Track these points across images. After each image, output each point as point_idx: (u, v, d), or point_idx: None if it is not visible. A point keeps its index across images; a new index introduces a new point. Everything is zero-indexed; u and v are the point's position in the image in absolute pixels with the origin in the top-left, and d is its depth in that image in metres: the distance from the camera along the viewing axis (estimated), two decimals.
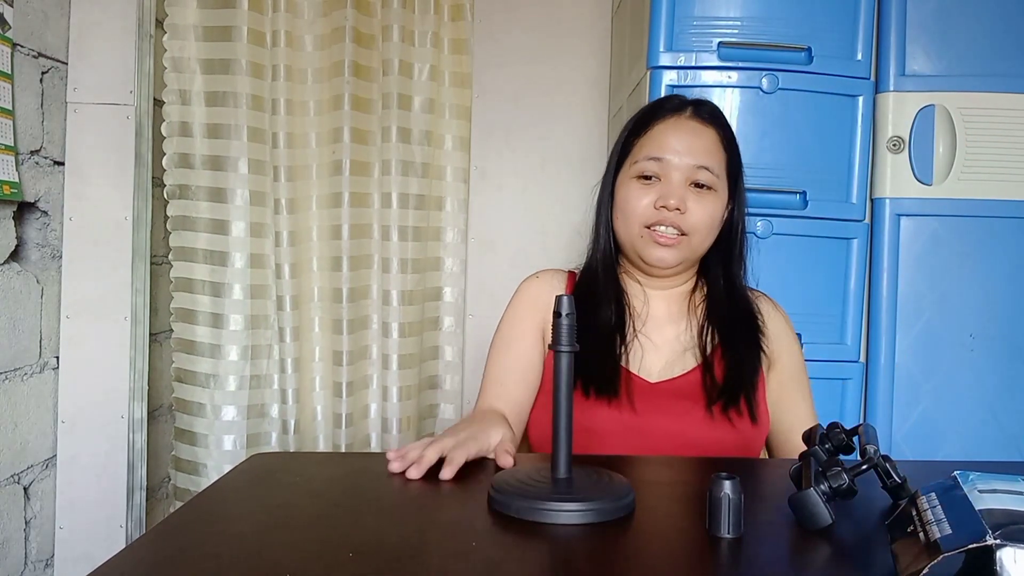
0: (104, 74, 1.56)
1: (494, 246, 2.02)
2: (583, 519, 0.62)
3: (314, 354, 1.84)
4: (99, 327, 1.57)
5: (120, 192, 1.58)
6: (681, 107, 1.05)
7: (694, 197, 1.00)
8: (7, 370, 1.40)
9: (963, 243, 1.49)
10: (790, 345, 1.09)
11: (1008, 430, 1.49)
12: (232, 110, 1.72)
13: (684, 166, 1.00)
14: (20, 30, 1.40)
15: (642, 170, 1.01)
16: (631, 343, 1.03)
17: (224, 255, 1.74)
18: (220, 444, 1.74)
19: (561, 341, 0.69)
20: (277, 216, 1.78)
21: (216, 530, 0.61)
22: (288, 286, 1.79)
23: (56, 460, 1.56)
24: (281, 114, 1.79)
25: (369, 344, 1.88)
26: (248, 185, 1.74)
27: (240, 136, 1.72)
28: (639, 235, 1.01)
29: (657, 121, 1.04)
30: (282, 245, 1.79)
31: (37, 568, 1.51)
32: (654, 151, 1.01)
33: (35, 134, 1.46)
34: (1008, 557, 0.44)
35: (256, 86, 1.74)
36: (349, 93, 1.80)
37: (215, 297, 1.74)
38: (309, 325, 1.84)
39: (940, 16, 1.48)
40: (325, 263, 1.84)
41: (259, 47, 1.75)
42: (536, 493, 0.65)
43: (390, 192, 1.86)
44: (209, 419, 1.74)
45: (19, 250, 1.43)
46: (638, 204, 1.01)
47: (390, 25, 1.85)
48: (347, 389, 1.83)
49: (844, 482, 0.61)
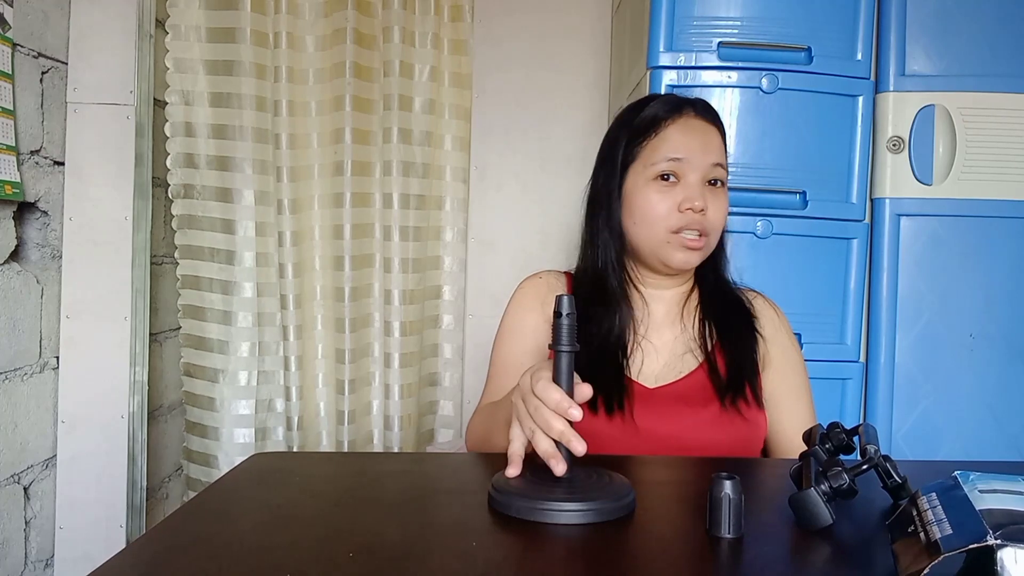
0: (104, 74, 1.56)
1: (494, 246, 2.02)
2: (583, 519, 0.62)
3: (317, 351, 1.85)
4: (99, 327, 1.57)
5: (120, 192, 1.58)
6: (682, 106, 1.04)
7: (711, 196, 1.00)
8: (7, 370, 1.39)
9: (963, 243, 1.49)
10: (784, 341, 1.08)
11: (1008, 430, 1.49)
12: (236, 111, 1.73)
13: (703, 165, 1.00)
14: (20, 30, 1.40)
15: (661, 171, 1.00)
16: (634, 350, 1.03)
17: (231, 254, 1.76)
18: (232, 437, 1.76)
19: (561, 341, 0.68)
20: (280, 216, 1.79)
21: (216, 530, 0.61)
22: (291, 285, 1.80)
23: (56, 460, 1.56)
24: (283, 115, 1.80)
25: (371, 342, 1.89)
26: (253, 185, 1.75)
27: (245, 137, 1.73)
28: (665, 240, 1.00)
29: (667, 122, 1.03)
30: (285, 245, 1.80)
31: (37, 568, 1.51)
32: (672, 151, 1.00)
33: (35, 134, 1.46)
34: (1009, 557, 0.44)
35: (260, 87, 1.75)
36: (350, 94, 1.81)
37: (224, 295, 1.75)
38: (312, 323, 1.85)
39: (940, 16, 1.48)
40: (328, 262, 1.85)
41: (262, 48, 1.75)
42: (537, 493, 0.65)
43: (391, 192, 1.87)
44: (220, 413, 1.76)
45: (19, 250, 1.43)
46: (661, 208, 0.99)
47: (391, 26, 1.86)
48: (349, 387, 1.84)
49: (844, 482, 0.61)
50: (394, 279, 1.89)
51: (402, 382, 1.90)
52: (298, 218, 1.82)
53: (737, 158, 1.48)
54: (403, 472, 0.79)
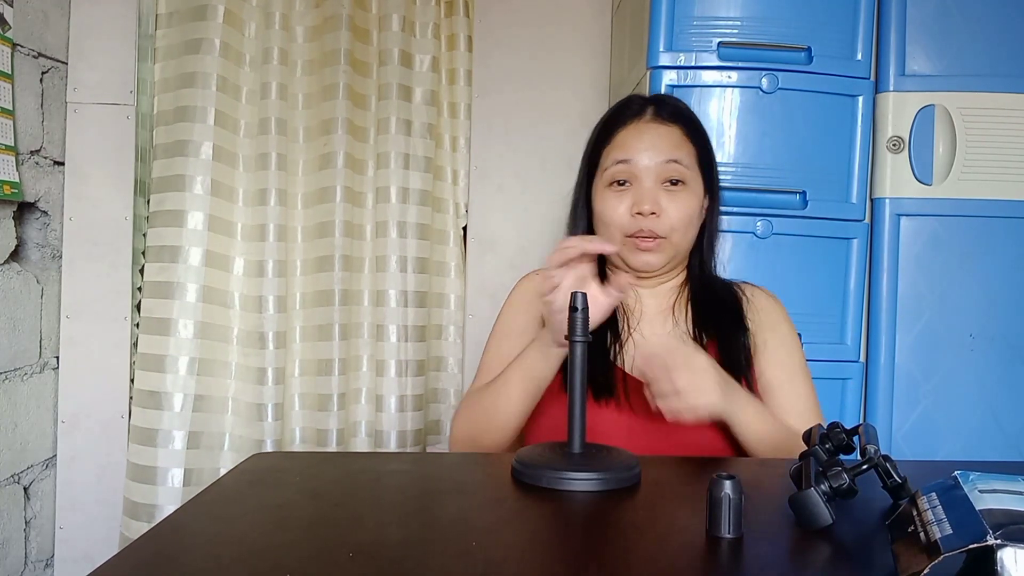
0: (104, 74, 1.57)
1: (494, 246, 2.02)
2: (598, 486, 0.70)
3: (296, 333, 1.73)
4: (99, 327, 1.57)
5: (120, 192, 1.58)
6: (642, 109, 1.06)
7: (667, 197, 1.01)
8: (7, 370, 1.40)
9: (963, 243, 1.49)
10: (777, 326, 1.07)
11: (1008, 430, 1.49)
12: (201, 91, 1.60)
13: (654, 165, 1.01)
14: (20, 30, 1.40)
15: (613, 176, 1.03)
16: (626, 342, 1.03)
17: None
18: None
19: (576, 332, 0.75)
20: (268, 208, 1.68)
21: (216, 530, 0.61)
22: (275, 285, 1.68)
23: (56, 460, 1.56)
24: (273, 97, 1.67)
25: (367, 341, 1.85)
26: (252, 183, 1.68)
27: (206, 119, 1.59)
28: (622, 243, 1.03)
29: (620, 127, 1.05)
30: (287, 240, 1.70)
31: (37, 568, 1.51)
32: (620, 155, 1.02)
33: (35, 134, 1.46)
34: (1009, 557, 0.44)
35: (228, 69, 1.64)
36: (344, 83, 1.71)
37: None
38: (292, 334, 1.73)
39: (940, 16, 1.48)
40: (323, 262, 1.81)
41: (235, 30, 1.65)
42: (556, 465, 0.72)
43: (388, 186, 1.80)
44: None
45: (19, 250, 1.43)
46: (615, 213, 1.02)
47: (388, 15, 1.80)
48: (339, 366, 1.71)
49: (844, 482, 0.61)
50: (399, 278, 1.85)
51: (410, 358, 1.80)
52: (289, 213, 1.71)
53: (737, 158, 1.48)
54: (403, 472, 0.79)
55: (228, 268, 1.65)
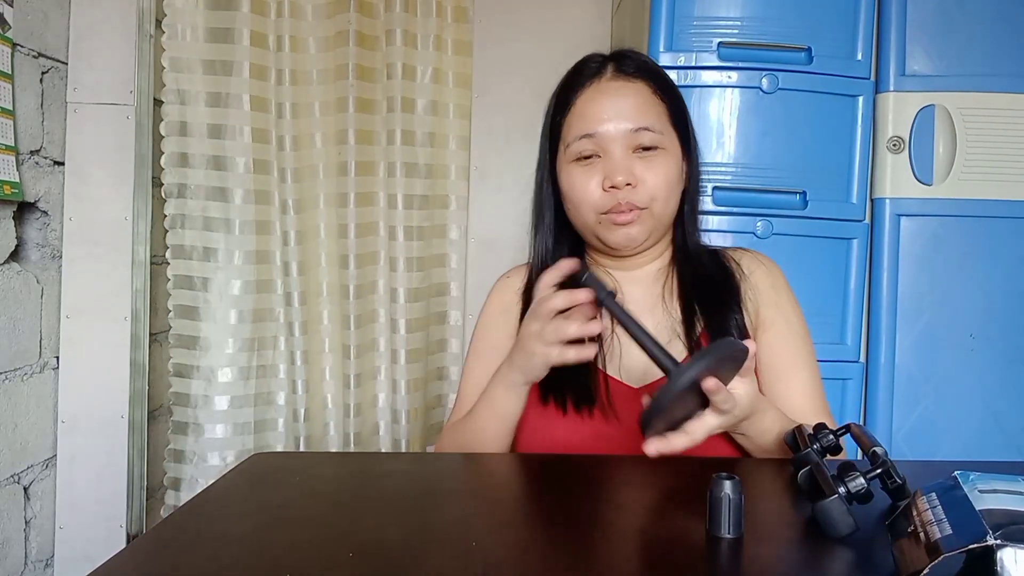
0: (104, 74, 1.57)
1: (494, 246, 2.02)
2: (710, 364, 0.69)
3: (324, 346, 1.86)
4: (99, 327, 1.57)
5: (120, 192, 1.58)
6: (601, 68, 0.94)
7: (642, 164, 0.89)
8: (7, 370, 1.40)
9: (963, 243, 1.49)
10: (777, 298, 0.97)
11: (1008, 430, 1.49)
12: (235, 111, 1.73)
13: (620, 134, 0.89)
14: (20, 30, 1.40)
15: (577, 152, 0.91)
16: (609, 342, 0.93)
17: (231, 253, 1.76)
18: (219, 432, 1.76)
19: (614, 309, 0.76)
20: (285, 216, 1.79)
21: (216, 530, 0.61)
22: (296, 283, 1.81)
23: (56, 460, 1.56)
24: (287, 117, 1.79)
25: (376, 337, 1.89)
26: (252, 184, 1.75)
27: (242, 137, 1.73)
28: (597, 222, 0.92)
29: (580, 90, 0.93)
30: (290, 244, 1.80)
31: (37, 568, 1.51)
32: (583, 127, 0.91)
33: (35, 134, 1.46)
34: (1009, 557, 0.44)
35: (260, 88, 1.75)
36: (353, 96, 1.82)
37: (217, 293, 1.75)
38: (318, 319, 1.86)
39: (940, 16, 1.49)
40: (333, 260, 1.85)
41: (262, 49, 1.76)
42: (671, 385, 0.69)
43: (395, 193, 1.89)
44: (208, 410, 1.75)
45: (19, 250, 1.43)
46: (585, 191, 0.90)
47: (393, 29, 1.86)
48: (355, 381, 1.86)
49: (863, 487, 0.61)
50: (399, 277, 1.90)
51: (408, 377, 1.90)
52: (303, 217, 1.82)
53: (737, 158, 1.48)
54: (403, 472, 0.79)
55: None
